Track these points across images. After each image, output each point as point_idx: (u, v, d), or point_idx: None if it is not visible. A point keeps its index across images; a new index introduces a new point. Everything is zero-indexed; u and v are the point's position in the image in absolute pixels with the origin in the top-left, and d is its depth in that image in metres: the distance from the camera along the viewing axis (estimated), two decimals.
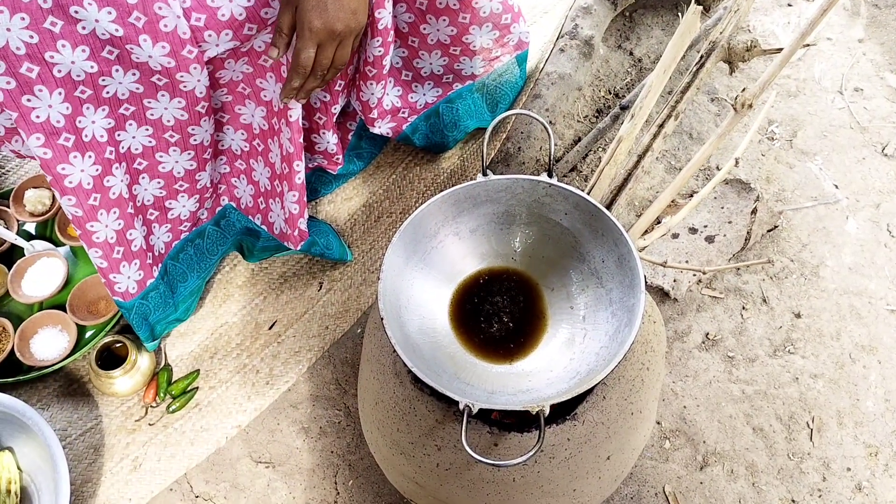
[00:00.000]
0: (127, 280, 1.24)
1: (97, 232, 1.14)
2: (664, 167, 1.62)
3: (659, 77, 1.13)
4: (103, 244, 1.16)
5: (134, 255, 1.23)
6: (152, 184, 1.22)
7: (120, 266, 1.21)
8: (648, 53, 1.75)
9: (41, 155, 1.02)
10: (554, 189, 1.00)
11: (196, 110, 1.13)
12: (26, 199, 1.50)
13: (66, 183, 1.06)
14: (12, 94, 0.95)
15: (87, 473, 1.33)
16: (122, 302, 1.26)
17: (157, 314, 1.34)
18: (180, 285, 1.38)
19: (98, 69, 0.99)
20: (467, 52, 1.39)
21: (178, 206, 1.28)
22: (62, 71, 0.97)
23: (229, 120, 1.25)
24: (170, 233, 1.31)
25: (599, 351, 0.93)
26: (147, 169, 1.19)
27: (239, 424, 1.37)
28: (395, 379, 0.99)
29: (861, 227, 1.54)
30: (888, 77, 1.74)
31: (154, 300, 1.32)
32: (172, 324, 1.42)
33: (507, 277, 1.06)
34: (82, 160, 1.06)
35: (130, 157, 1.15)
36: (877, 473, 1.30)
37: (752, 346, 1.42)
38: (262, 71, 1.17)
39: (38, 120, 0.98)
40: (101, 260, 1.18)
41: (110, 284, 1.23)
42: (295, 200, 1.29)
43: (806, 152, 1.63)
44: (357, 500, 1.31)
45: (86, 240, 1.15)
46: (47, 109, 0.98)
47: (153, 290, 1.30)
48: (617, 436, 0.98)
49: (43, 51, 0.94)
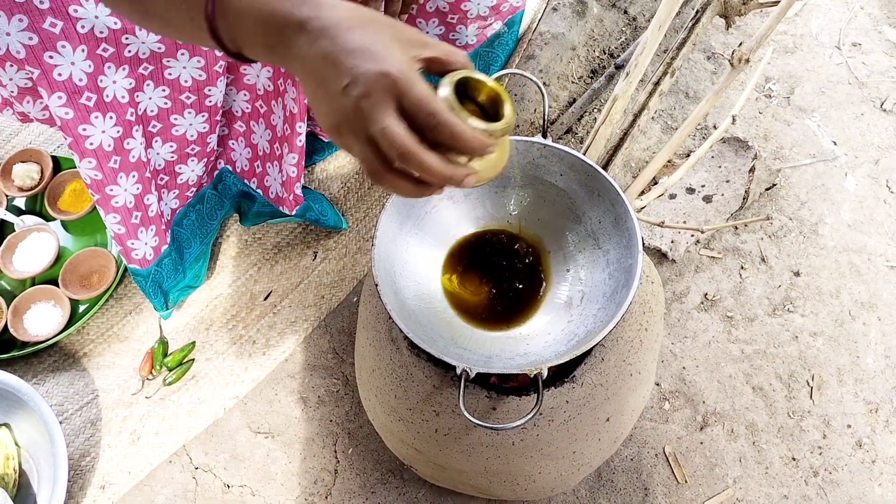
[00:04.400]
0: (144, 246, 1.22)
1: (116, 196, 1.12)
2: (660, 127, 1.60)
3: (654, 34, 1.11)
4: (122, 209, 1.14)
5: (151, 220, 1.21)
6: (165, 147, 1.19)
7: (138, 232, 1.19)
8: (643, 12, 1.72)
9: (62, 115, 0.98)
10: (549, 150, 0.98)
11: (214, 70, 1.10)
12: (14, 173, 1.48)
13: (86, 144, 1.03)
14: (34, 49, 0.91)
15: (84, 448, 1.33)
16: (139, 269, 1.24)
17: (169, 281, 1.33)
18: (186, 251, 1.37)
19: (121, 25, 0.96)
20: (463, 21, 1.37)
21: (187, 171, 1.26)
22: (85, 27, 0.93)
23: (233, 80, 1.23)
24: (177, 199, 1.30)
25: (597, 313, 0.92)
26: (161, 132, 1.16)
27: (237, 395, 1.37)
28: (392, 346, 0.99)
29: (860, 183, 1.52)
30: (886, 31, 1.71)
31: (167, 267, 1.31)
32: (184, 291, 1.41)
33: (503, 240, 1.05)
34: (103, 121, 1.03)
35: (146, 119, 1.12)
36: (877, 430, 1.30)
37: (751, 305, 1.41)
38: None
39: (61, 78, 0.95)
40: (119, 226, 1.16)
41: (127, 252, 1.21)
42: (294, 163, 1.27)
43: (804, 109, 1.61)
44: (357, 467, 1.31)
45: (104, 205, 1.12)
46: (70, 67, 0.95)
47: (167, 257, 1.29)
48: (616, 397, 0.98)
49: (67, 4, 0.90)
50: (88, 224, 1.49)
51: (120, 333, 1.42)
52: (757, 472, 1.28)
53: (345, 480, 1.30)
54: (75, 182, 1.49)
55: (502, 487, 1.03)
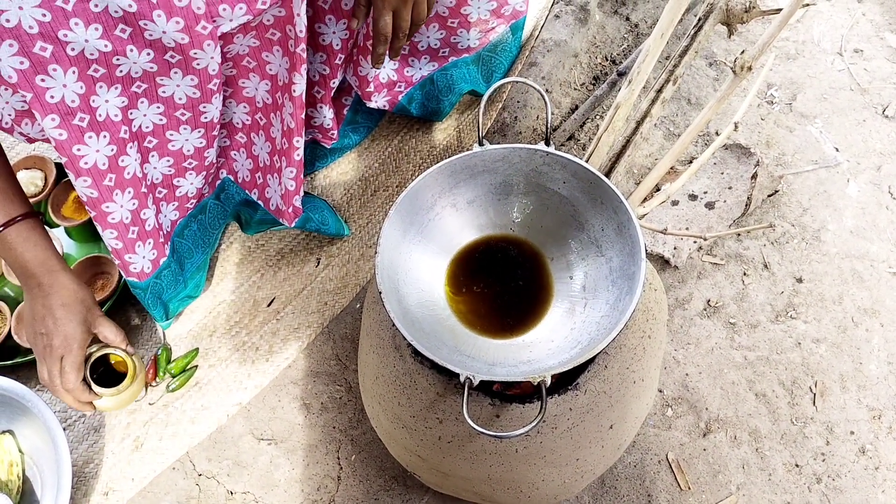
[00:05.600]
0: (142, 260, 1.23)
1: (112, 213, 1.12)
2: (663, 133, 1.60)
3: (656, 41, 1.11)
4: (118, 225, 1.15)
5: (148, 234, 1.21)
6: (161, 162, 1.20)
7: (135, 246, 1.20)
8: (645, 18, 1.73)
9: (56, 136, 0.99)
10: (551, 157, 0.99)
11: (208, 88, 1.11)
12: (18, 180, 1.48)
13: (81, 164, 1.04)
14: (26, 74, 0.92)
15: (88, 454, 1.33)
16: (137, 282, 1.25)
17: (169, 292, 1.33)
18: (187, 262, 1.37)
19: (112, 48, 0.97)
20: (464, 24, 1.37)
21: (185, 185, 1.27)
22: (75, 49, 0.94)
23: (232, 93, 1.23)
24: (177, 210, 1.30)
25: (600, 320, 0.92)
26: (157, 147, 1.17)
27: (240, 402, 1.37)
28: (395, 353, 0.99)
29: (862, 189, 1.52)
30: (888, 37, 1.71)
31: (167, 278, 1.31)
32: (184, 301, 1.41)
33: (506, 248, 1.05)
34: (97, 140, 1.04)
35: (141, 135, 1.13)
36: (880, 436, 1.30)
37: (754, 311, 1.41)
38: (268, 45, 1.15)
39: (53, 100, 0.96)
40: (117, 241, 1.17)
41: (125, 265, 1.21)
42: (292, 177, 1.28)
43: (806, 115, 1.61)
44: (360, 474, 1.31)
45: (100, 221, 1.13)
46: (62, 89, 0.96)
47: (166, 269, 1.29)
48: (619, 405, 0.98)
49: (56, 29, 0.91)
50: (92, 231, 1.49)
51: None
52: (760, 479, 1.27)
53: (348, 487, 1.30)
54: None
55: (506, 495, 1.03)
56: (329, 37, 1.24)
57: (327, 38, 1.25)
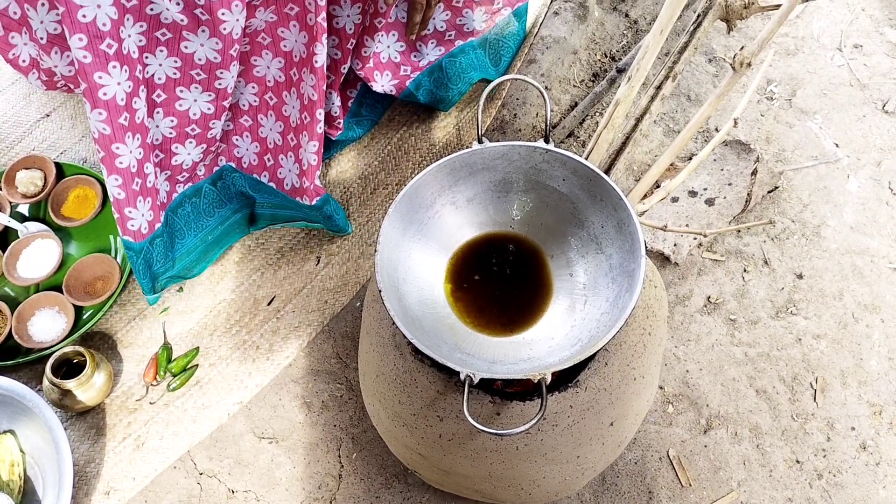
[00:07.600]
0: (140, 218, 1.22)
1: (122, 156, 1.11)
2: (662, 130, 1.60)
3: (655, 38, 1.11)
4: (125, 171, 1.14)
5: (148, 191, 1.21)
6: (165, 121, 1.19)
7: (136, 200, 1.19)
8: (644, 15, 1.73)
9: (81, 58, 0.98)
10: (551, 155, 0.98)
11: (229, 54, 1.11)
12: (18, 180, 1.49)
13: (100, 94, 1.03)
14: None
15: (89, 454, 1.33)
16: (132, 243, 1.24)
17: (158, 265, 1.33)
18: (178, 241, 1.37)
19: None
20: (469, 4, 1.38)
21: (182, 153, 1.26)
22: None
23: (242, 72, 1.23)
24: (168, 181, 1.29)
25: (600, 317, 0.92)
26: (164, 104, 1.16)
27: (240, 401, 1.37)
28: (396, 351, 0.99)
29: (862, 185, 1.52)
30: (888, 32, 1.71)
31: (158, 248, 1.31)
32: (171, 280, 1.40)
33: (506, 246, 1.05)
34: (120, 71, 1.03)
35: (152, 85, 1.12)
36: (881, 432, 1.30)
37: (754, 308, 1.41)
38: (285, 20, 1.15)
39: (84, 20, 0.95)
40: (120, 190, 1.16)
41: (124, 221, 1.21)
42: (314, 151, 1.27)
43: (805, 111, 1.61)
44: (361, 472, 1.31)
45: (108, 164, 1.12)
46: (95, 9, 0.95)
47: (159, 237, 1.29)
48: (619, 402, 0.98)
49: None
50: (92, 230, 1.49)
51: (124, 339, 1.43)
52: (761, 475, 1.27)
53: (349, 485, 1.30)
54: (79, 188, 1.50)
55: (507, 492, 1.03)
56: (343, 20, 1.24)
57: (341, 22, 1.25)
